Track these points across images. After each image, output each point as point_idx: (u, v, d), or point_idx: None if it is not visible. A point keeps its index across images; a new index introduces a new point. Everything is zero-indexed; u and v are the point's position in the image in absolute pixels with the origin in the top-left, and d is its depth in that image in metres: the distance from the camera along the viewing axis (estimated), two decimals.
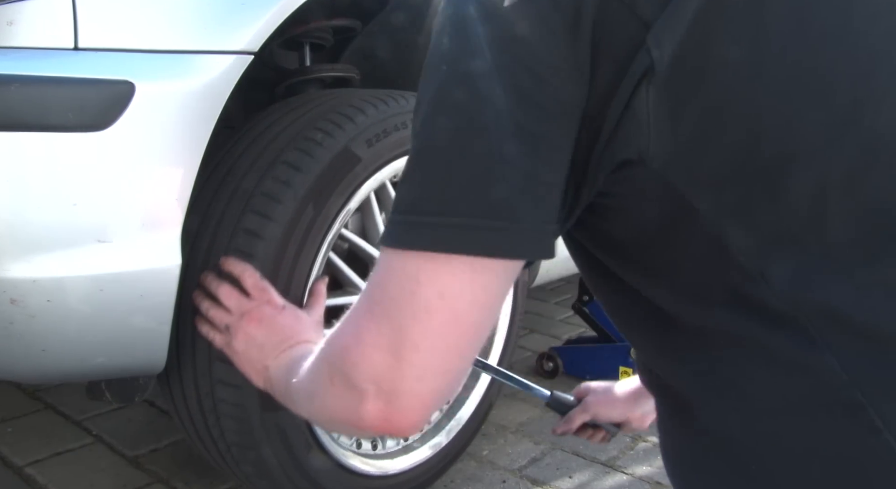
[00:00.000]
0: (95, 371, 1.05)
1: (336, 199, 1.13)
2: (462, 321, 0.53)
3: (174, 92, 0.97)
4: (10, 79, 0.87)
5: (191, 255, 1.06)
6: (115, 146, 0.93)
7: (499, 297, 0.55)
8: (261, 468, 1.15)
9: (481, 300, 0.53)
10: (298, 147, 1.10)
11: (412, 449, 1.41)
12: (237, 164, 1.12)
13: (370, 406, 0.55)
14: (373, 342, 0.54)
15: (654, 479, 1.57)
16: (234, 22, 1.04)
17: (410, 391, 0.54)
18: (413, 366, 0.53)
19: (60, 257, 0.92)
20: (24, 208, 0.89)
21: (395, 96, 1.23)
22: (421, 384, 0.54)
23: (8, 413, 1.70)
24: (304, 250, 1.10)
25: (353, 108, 1.16)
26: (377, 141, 1.17)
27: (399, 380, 0.53)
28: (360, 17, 1.42)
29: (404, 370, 0.53)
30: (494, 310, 0.56)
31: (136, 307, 0.99)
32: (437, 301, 0.52)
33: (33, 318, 0.93)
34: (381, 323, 0.54)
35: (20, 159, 0.88)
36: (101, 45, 0.93)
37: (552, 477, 1.55)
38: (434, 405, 0.55)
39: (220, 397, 1.10)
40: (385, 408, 0.55)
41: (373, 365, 0.54)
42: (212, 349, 1.07)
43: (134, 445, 1.58)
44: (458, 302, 0.52)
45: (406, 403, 0.54)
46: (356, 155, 1.14)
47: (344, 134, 1.13)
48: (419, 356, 0.53)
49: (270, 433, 1.12)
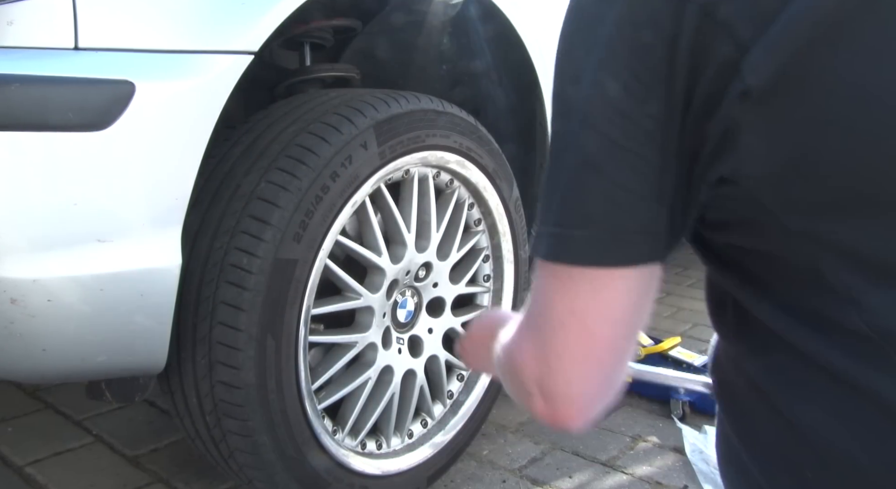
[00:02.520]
0: (96, 371, 1.05)
1: (335, 199, 1.13)
2: (596, 335, 0.56)
3: (174, 92, 0.97)
4: (10, 79, 0.87)
5: (191, 255, 1.06)
6: (116, 146, 0.93)
7: (629, 309, 0.57)
8: (261, 468, 1.15)
9: (610, 315, 0.56)
10: (298, 146, 1.11)
11: (412, 449, 1.42)
12: (237, 164, 1.12)
13: (538, 404, 0.60)
14: (528, 350, 0.59)
15: (654, 479, 1.57)
16: (234, 22, 1.04)
17: (564, 395, 0.58)
18: (560, 373, 0.57)
19: (61, 257, 0.92)
20: (25, 208, 0.89)
21: (395, 97, 1.23)
22: (571, 388, 0.58)
23: (8, 413, 1.70)
24: (304, 249, 1.10)
25: (354, 108, 1.16)
26: (366, 149, 1.16)
27: (553, 386, 0.58)
28: (360, 17, 1.42)
29: (554, 376, 0.58)
30: (629, 323, 0.58)
31: (137, 307, 0.99)
32: (569, 317, 0.56)
33: (34, 318, 0.93)
34: (532, 333, 0.60)
35: (20, 159, 0.88)
36: (102, 44, 0.93)
37: (552, 477, 1.55)
38: (589, 406, 0.59)
39: (220, 397, 1.10)
40: (548, 407, 0.59)
41: (531, 371, 0.59)
42: (212, 349, 1.07)
43: (134, 445, 1.58)
44: (588, 318, 0.56)
45: (562, 405, 0.59)
46: (354, 158, 1.14)
47: (342, 136, 1.13)
48: (562, 364, 0.57)
49: (271, 433, 1.12)
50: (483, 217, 1.49)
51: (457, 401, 1.51)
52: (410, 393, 1.39)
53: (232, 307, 1.05)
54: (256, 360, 1.08)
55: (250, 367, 1.08)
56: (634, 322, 0.58)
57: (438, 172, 1.37)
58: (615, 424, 1.81)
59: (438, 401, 1.48)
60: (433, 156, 1.30)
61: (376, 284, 1.28)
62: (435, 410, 1.47)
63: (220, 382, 1.08)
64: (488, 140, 1.43)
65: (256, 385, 1.09)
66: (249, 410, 1.09)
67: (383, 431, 1.37)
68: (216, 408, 1.10)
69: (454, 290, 1.44)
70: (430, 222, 1.35)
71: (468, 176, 1.40)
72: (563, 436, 1.73)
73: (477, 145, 1.39)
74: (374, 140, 1.17)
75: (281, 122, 1.16)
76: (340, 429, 1.28)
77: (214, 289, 1.06)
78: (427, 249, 1.35)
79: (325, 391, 1.26)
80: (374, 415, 1.32)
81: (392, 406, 1.36)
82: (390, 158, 1.21)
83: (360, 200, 1.20)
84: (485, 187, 1.43)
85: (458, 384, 1.52)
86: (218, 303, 1.06)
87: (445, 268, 1.41)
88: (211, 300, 1.07)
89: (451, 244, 1.41)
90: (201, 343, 1.07)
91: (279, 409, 1.13)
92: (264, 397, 1.10)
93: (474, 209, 1.47)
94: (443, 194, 1.41)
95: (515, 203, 1.52)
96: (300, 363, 1.15)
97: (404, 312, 1.36)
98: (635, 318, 0.58)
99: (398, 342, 1.36)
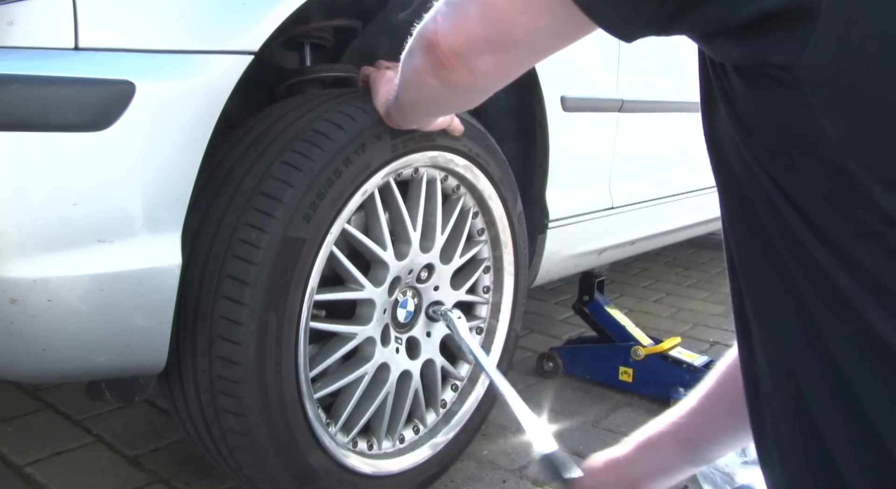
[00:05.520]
0: (96, 370, 1.05)
1: (346, 185, 1.14)
2: (500, 23, 0.65)
3: (175, 92, 0.97)
4: (10, 79, 0.87)
5: (191, 255, 1.06)
6: (116, 146, 0.93)
7: (538, 35, 0.65)
8: (260, 468, 1.15)
9: (524, 26, 0.63)
10: (298, 147, 1.11)
11: (412, 449, 1.42)
12: (238, 164, 1.12)
13: (427, 54, 0.73)
14: (440, 14, 0.71)
15: None
16: (234, 22, 1.04)
17: (452, 44, 0.70)
18: (461, 29, 0.69)
19: (61, 257, 0.92)
20: (25, 208, 0.89)
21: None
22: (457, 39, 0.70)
23: (8, 413, 1.70)
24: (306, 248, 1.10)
25: (355, 108, 1.17)
26: (379, 140, 1.17)
27: (448, 38, 0.70)
28: (360, 17, 1.42)
29: (454, 31, 0.70)
30: (526, 44, 0.67)
31: (137, 306, 0.99)
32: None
33: (34, 318, 0.93)
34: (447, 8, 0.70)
35: (21, 159, 0.88)
36: (102, 44, 0.93)
37: None
38: (463, 58, 0.71)
39: (217, 373, 1.09)
40: (433, 52, 0.72)
41: (434, 26, 0.72)
42: (212, 348, 1.07)
43: (134, 445, 1.58)
44: (502, 13, 0.64)
45: (448, 52, 0.71)
46: (367, 147, 1.15)
47: (344, 134, 1.13)
48: (465, 23, 0.68)
49: (270, 433, 1.12)
50: (486, 227, 1.49)
51: (449, 411, 1.50)
52: (405, 395, 1.39)
53: (237, 281, 1.05)
54: (257, 337, 1.07)
55: (250, 343, 1.07)
56: (528, 48, 0.68)
57: (446, 176, 1.37)
58: (615, 424, 1.81)
59: (432, 410, 1.48)
60: (442, 157, 1.31)
61: (380, 278, 1.28)
62: (428, 418, 1.47)
63: (218, 357, 1.07)
64: (496, 149, 1.44)
65: (255, 362, 1.08)
66: (245, 388, 1.08)
67: (375, 432, 1.36)
68: (216, 408, 1.10)
69: (454, 296, 1.44)
70: (435, 224, 1.35)
71: (475, 182, 1.40)
72: (563, 436, 1.73)
73: (485, 152, 1.39)
74: (388, 132, 1.18)
75: (282, 121, 1.16)
76: (333, 423, 1.27)
77: (219, 267, 1.06)
78: (431, 251, 1.35)
79: (320, 382, 1.26)
80: (368, 412, 1.32)
81: (386, 406, 1.35)
82: (402, 153, 1.22)
83: (369, 190, 1.21)
84: (490, 196, 1.44)
85: (451, 394, 1.52)
86: (224, 278, 1.06)
87: (447, 272, 1.41)
88: (207, 333, 1.07)
89: (454, 249, 1.42)
90: (201, 342, 1.07)
91: (276, 391, 1.12)
92: (262, 376, 1.09)
93: (478, 218, 1.47)
94: (449, 200, 1.41)
95: (519, 216, 1.52)
96: (300, 346, 1.15)
97: (404, 312, 1.37)
98: (530, 47, 0.67)
99: (396, 341, 1.36)
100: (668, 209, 2.24)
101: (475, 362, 1.47)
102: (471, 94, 0.89)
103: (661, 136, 2.15)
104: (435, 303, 1.41)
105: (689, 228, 2.50)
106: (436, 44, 0.71)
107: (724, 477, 1.54)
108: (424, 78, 0.79)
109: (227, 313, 1.06)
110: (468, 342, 1.32)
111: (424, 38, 0.73)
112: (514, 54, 0.70)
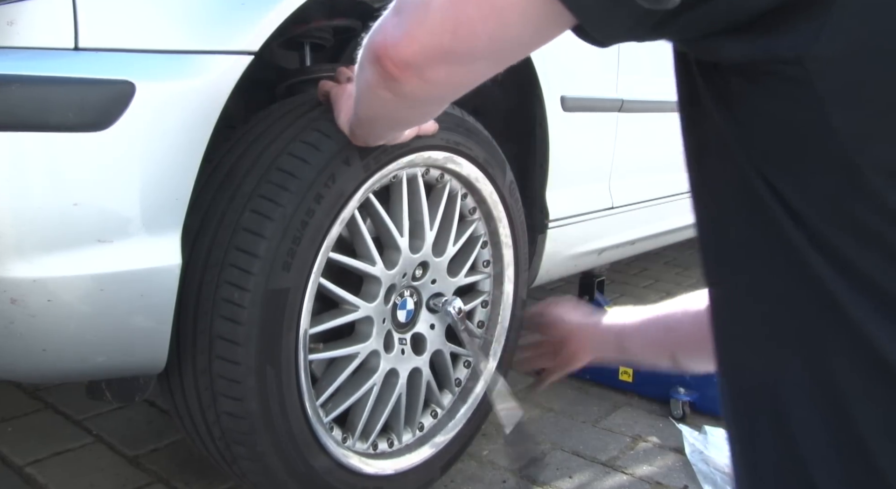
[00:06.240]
0: (96, 370, 1.05)
1: (322, 220, 1.12)
2: (461, 27, 0.59)
3: (174, 92, 0.97)
4: (10, 79, 0.87)
5: (191, 255, 1.06)
6: (116, 146, 0.93)
7: (511, 33, 0.58)
8: (260, 468, 1.15)
9: (494, 23, 0.57)
10: (299, 145, 1.10)
11: (412, 449, 1.42)
12: (238, 164, 1.12)
13: (378, 65, 0.67)
14: (390, 20, 0.65)
15: (654, 479, 1.57)
16: (234, 22, 1.04)
17: (405, 53, 0.64)
18: (415, 37, 0.63)
19: (61, 257, 0.92)
20: (25, 208, 0.89)
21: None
22: (412, 47, 0.64)
23: (8, 413, 1.70)
24: (304, 249, 1.10)
25: (319, 135, 1.14)
26: (348, 165, 1.14)
27: (401, 46, 0.64)
28: (360, 17, 1.42)
29: (407, 39, 0.63)
30: (499, 42, 0.59)
31: (137, 307, 0.99)
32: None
33: (34, 318, 0.93)
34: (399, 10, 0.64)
35: (21, 159, 0.88)
36: (102, 45, 0.93)
37: (552, 477, 1.55)
38: (416, 68, 0.65)
39: (226, 426, 1.11)
40: (384, 63, 0.66)
41: (386, 35, 0.65)
42: (212, 348, 1.07)
43: (134, 445, 1.58)
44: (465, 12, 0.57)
45: (399, 60, 0.65)
46: (337, 176, 1.12)
47: (310, 169, 1.10)
48: (421, 29, 0.62)
49: (271, 433, 1.12)
50: (478, 205, 1.46)
51: (465, 388, 1.52)
52: (418, 388, 1.40)
53: (228, 342, 1.06)
54: (258, 390, 1.08)
55: (252, 397, 1.08)
56: (500, 45, 0.60)
57: (427, 170, 1.34)
58: (615, 424, 1.81)
59: (447, 391, 1.49)
60: (419, 157, 1.27)
61: (373, 293, 1.27)
62: (444, 400, 1.48)
63: (225, 413, 1.09)
64: (477, 130, 1.38)
65: (261, 413, 1.10)
66: (249, 409, 1.09)
67: (394, 429, 1.38)
68: (216, 408, 1.10)
69: (453, 283, 1.43)
70: (422, 222, 1.33)
71: (458, 170, 1.37)
72: (563, 436, 1.73)
73: (465, 138, 1.35)
74: (357, 153, 1.13)
75: (281, 122, 1.15)
76: (350, 435, 1.29)
77: (209, 322, 1.07)
78: (422, 249, 1.33)
79: (331, 403, 1.26)
80: (382, 418, 1.33)
81: (400, 405, 1.36)
82: (375, 169, 1.17)
83: (348, 216, 1.17)
84: (477, 178, 1.40)
85: (465, 371, 1.53)
86: (214, 338, 1.06)
87: (442, 264, 1.39)
88: (207, 333, 1.07)
89: (446, 239, 1.39)
90: (201, 342, 1.08)
91: (285, 431, 1.14)
92: (269, 423, 1.11)
93: (468, 199, 1.44)
94: (434, 189, 1.38)
95: (510, 187, 1.49)
96: (302, 385, 1.16)
97: (404, 313, 1.36)
98: (492, 57, 0.62)
99: (401, 343, 1.36)
100: (668, 209, 2.24)
101: (474, 362, 1.48)
102: (426, 106, 0.84)
103: (661, 136, 2.15)
104: (435, 295, 1.40)
105: (690, 228, 2.50)
106: (385, 55, 0.66)
107: (725, 477, 1.54)
108: (377, 91, 0.73)
109: (223, 373, 1.07)
110: (468, 342, 1.32)
111: (373, 49, 0.68)
112: (472, 65, 0.65)
